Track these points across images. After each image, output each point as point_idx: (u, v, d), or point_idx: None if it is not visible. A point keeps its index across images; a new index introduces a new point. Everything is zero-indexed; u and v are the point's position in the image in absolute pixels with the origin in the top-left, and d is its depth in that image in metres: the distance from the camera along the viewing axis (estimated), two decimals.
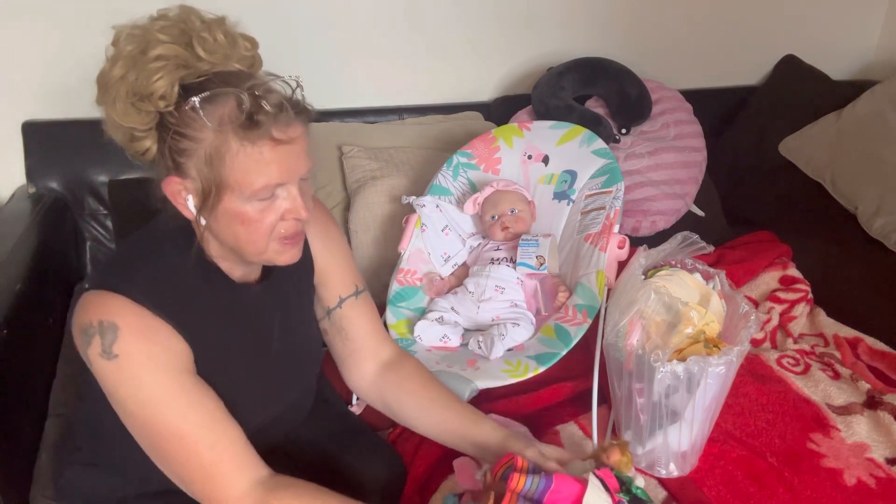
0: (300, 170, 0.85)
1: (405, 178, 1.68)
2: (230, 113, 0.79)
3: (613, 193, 1.43)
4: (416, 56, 1.90)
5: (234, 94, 0.80)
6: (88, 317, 0.83)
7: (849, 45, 2.33)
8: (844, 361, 1.48)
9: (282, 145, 0.81)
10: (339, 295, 1.09)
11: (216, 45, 0.83)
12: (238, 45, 0.86)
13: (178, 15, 0.84)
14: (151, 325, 0.84)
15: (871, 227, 1.76)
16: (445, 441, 1.05)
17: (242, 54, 0.86)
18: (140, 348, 0.83)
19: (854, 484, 1.17)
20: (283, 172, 0.82)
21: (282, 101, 0.81)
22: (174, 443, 0.84)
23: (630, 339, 1.11)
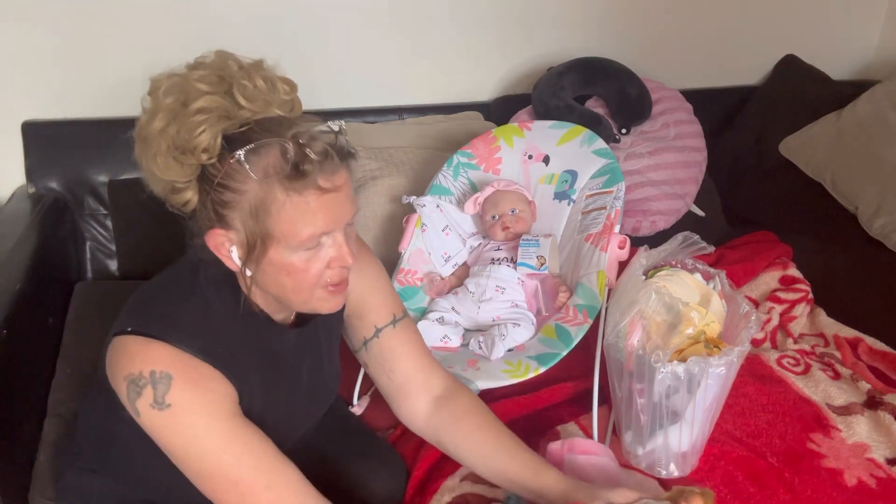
0: (346, 216, 0.83)
1: (405, 178, 1.68)
2: (275, 163, 0.77)
3: (614, 193, 1.43)
4: (417, 56, 1.90)
5: (277, 143, 0.78)
6: (137, 367, 0.81)
7: (849, 45, 2.33)
8: (845, 361, 1.48)
9: (328, 193, 0.79)
10: (375, 325, 1.03)
11: (256, 91, 0.80)
12: (278, 90, 0.83)
13: (216, 62, 0.82)
14: (203, 373, 0.83)
15: (871, 227, 1.76)
16: (505, 486, 1.01)
17: (282, 99, 0.84)
18: (194, 398, 0.82)
19: (854, 484, 1.17)
20: (330, 221, 0.81)
21: (326, 147, 0.78)
22: (231, 488, 0.83)
23: (630, 339, 1.11)
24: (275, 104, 0.82)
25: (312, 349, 1.00)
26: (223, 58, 0.83)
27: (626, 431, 1.18)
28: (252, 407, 0.89)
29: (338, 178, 0.80)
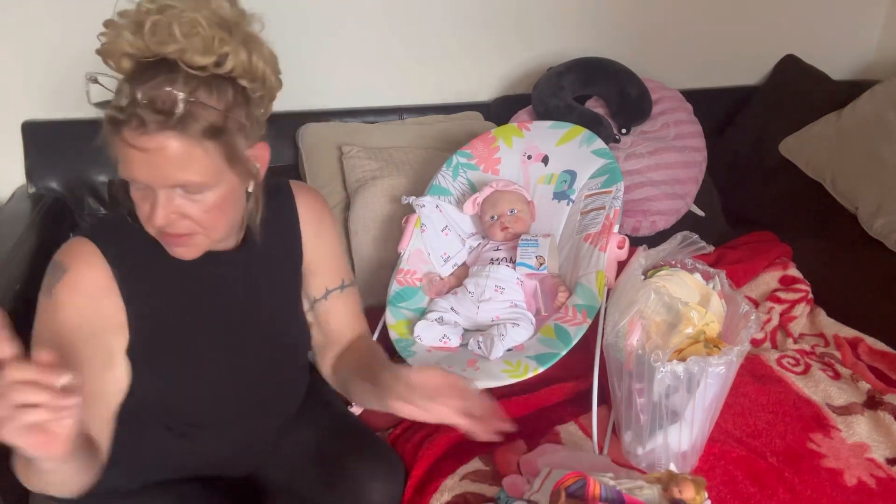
0: (163, 180, 0.81)
1: (405, 178, 1.68)
2: (114, 96, 0.80)
3: (613, 193, 1.43)
4: (417, 56, 1.90)
5: (119, 81, 0.80)
6: (58, 254, 0.90)
7: (849, 45, 2.33)
8: (845, 361, 1.48)
9: (136, 150, 0.79)
10: (327, 286, 1.10)
11: (155, 28, 0.79)
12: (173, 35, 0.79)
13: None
14: (96, 280, 0.89)
15: (871, 227, 1.76)
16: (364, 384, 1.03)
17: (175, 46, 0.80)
18: (72, 299, 0.88)
19: (854, 484, 1.17)
20: (140, 175, 0.81)
21: (141, 109, 0.77)
22: None
23: (630, 339, 1.11)
24: (163, 47, 0.79)
25: (251, 274, 1.00)
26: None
27: (626, 431, 1.18)
28: (163, 327, 0.94)
29: (150, 141, 0.78)
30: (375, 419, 1.32)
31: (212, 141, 0.81)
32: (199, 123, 0.79)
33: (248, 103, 0.86)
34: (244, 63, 0.83)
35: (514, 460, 1.21)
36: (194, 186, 0.83)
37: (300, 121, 1.79)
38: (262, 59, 0.86)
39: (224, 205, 0.87)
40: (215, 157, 0.82)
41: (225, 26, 0.82)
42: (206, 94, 0.80)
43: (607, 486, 0.92)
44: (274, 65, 0.90)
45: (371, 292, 1.61)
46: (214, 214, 0.86)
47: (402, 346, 1.33)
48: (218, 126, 0.81)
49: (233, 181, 0.86)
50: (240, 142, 0.85)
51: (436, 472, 1.17)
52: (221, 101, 0.82)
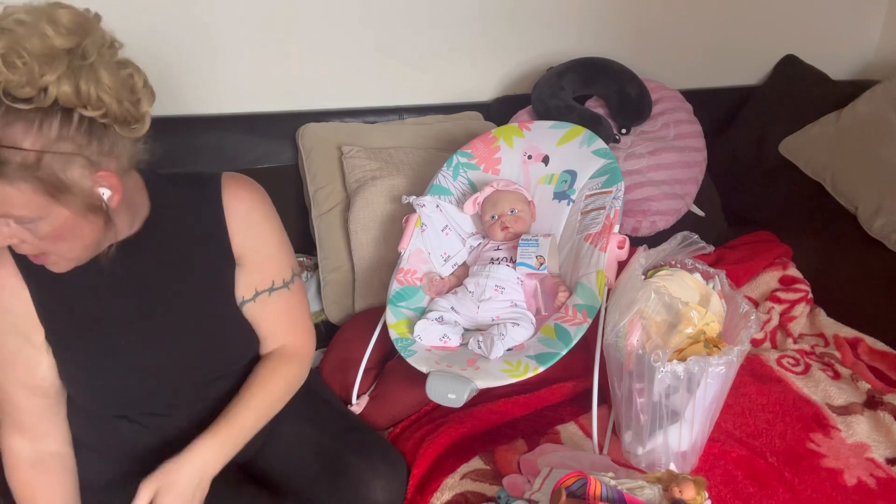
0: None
1: (405, 178, 1.68)
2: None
3: (613, 193, 1.43)
4: (416, 56, 1.90)
5: None
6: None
7: (849, 45, 2.33)
8: (844, 361, 1.48)
9: None
10: (256, 287, 1.07)
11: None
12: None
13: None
14: (4, 280, 0.93)
15: (871, 227, 1.76)
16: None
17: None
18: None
19: (854, 484, 1.17)
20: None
21: None
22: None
23: (630, 339, 1.11)
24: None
25: (155, 266, 1.00)
26: (33, 17, 0.78)
27: (626, 431, 1.18)
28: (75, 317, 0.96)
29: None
30: (375, 418, 1.32)
31: (24, 180, 0.78)
32: (6, 165, 0.77)
33: (92, 132, 0.82)
34: (69, 94, 0.78)
35: (514, 460, 1.21)
36: (18, 219, 0.82)
37: (300, 121, 1.79)
38: (95, 87, 0.80)
39: (60, 234, 0.85)
40: (32, 194, 0.80)
41: (50, 56, 0.77)
42: (24, 129, 0.77)
43: (608, 486, 0.92)
44: (119, 90, 0.83)
45: (371, 292, 1.62)
46: (51, 241, 0.85)
47: (402, 345, 1.33)
48: (29, 164, 0.78)
49: (63, 213, 0.83)
50: (71, 174, 0.81)
51: (436, 471, 1.17)
52: (41, 137, 0.78)
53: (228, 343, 1.07)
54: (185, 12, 1.64)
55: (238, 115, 1.77)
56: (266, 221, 1.07)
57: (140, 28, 1.62)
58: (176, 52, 1.66)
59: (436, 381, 1.21)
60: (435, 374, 1.22)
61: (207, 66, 1.71)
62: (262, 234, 1.06)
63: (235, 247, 1.04)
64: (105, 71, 0.81)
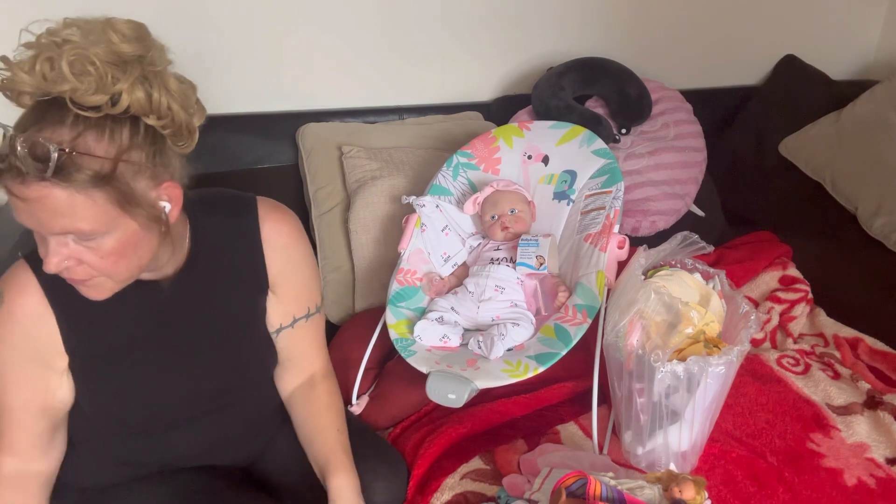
0: (48, 227, 0.78)
1: (405, 178, 1.68)
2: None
3: (613, 193, 1.43)
4: (416, 56, 1.90)
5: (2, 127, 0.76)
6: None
7: (849, 45, 2.33)
8: (844, 361, 1.48)
9: (18, 199, 0.77)
10: (294, 314, 1.08)
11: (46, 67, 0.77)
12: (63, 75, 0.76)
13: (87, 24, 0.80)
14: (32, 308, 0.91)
15: (871, 227, 1.76)
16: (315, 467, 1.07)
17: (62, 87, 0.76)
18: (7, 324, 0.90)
19: (854, 484, 1.17)
20: (29, 222, 0.79)
21: (15, 159, 0.74)
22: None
23: (630, 339, 1.11)
24: (56, 86, 0.76)
25: (204, 299, 1.00)
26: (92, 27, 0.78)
27: (626, 431, 1.18)
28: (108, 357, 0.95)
29: (28, 191, 0.75)
30: (375, 418, 1.32)
31: (98, 189, 0.77)
32: (81, 173, 0.75)
33: (155, 142, 0.82)
34: (141, 101, 0.79)
35: (514, 459, 1.21)
36: (84, 234, 0.80)
37: (300, 121, 1.79)
38: (166, 95, 0.81)
39: (124, 250, 0.83)
40: (104, 204, 0.78)
41: (121, 63, 0.78)
42: (96, 138, 0.76)
43: (608, 486, 0.92)
44: (184, 99, 0.84)
45: (371, 292, 1.62)
46: (113, 260, 0.83)
47: (402, 345, 1.33)
48: (104, 174, 0.77)
49: (131, 225, 0.82)
50: (139, 184, 0.81)
51: (437, 471, 1.17)
52: (113, 145, 0.78)
53: (251, 366, 1.07)
54: (185, 12, 1.64)
55: (238, 115, 1.77)
56: (302, 252, 1.07)
57: None
58: (176, 52, 1.66)
59: (436, 381, 1.21)
60: (435, 374, 1.22)
61: (207, 66, 1.71)
62: (298, 265, 1.06)
63: (271, 276, 1.04)
64: (173, 79, 0.83)
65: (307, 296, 1.09)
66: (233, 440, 1.09)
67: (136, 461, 1.04)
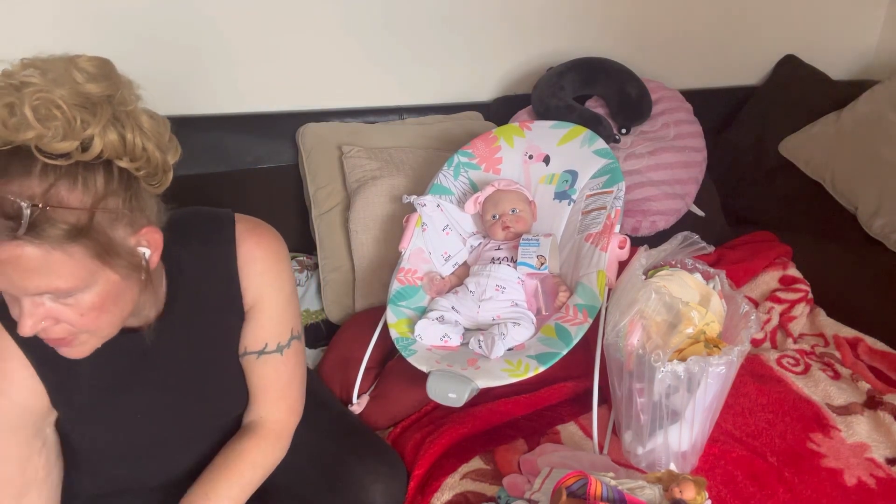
0: (24, 288, 0.72)
1: (405, 177, 1.68)
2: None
3: (614, 193, 1.43)
4: (417, 56, 1.90)
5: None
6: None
7: (849, 45, 2.33)
8: (844, 361, 1.48)
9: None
10: (267, 343, 1.01)
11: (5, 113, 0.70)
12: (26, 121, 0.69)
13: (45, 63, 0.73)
14: (11, 374, 0.86)
15: (871, 227, 1.76)
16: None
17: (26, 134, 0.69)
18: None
19: (854, 484, 1.17)
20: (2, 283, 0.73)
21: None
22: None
23: (630, 339, 1.11)
24: (19, 134, 0.69)
25: (186, 340, 0.96)
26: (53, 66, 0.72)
27: (626, 431, 1.18)
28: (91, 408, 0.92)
29: (0, 251, 0.70)
30: (376, 418, 1.33)
31: (75, 243, 0.72)
32: (56, 228, 0.70)
33: (130, 186, 0.77)
34: (115, 144, 0.73)
35: (514, 460, 1.21)
36: (62, 292, 0.74)
37: (300, 121, 1.79)
38: (140, 135, 0.76)
39: (105, 304, 0.78)
40: (82, 258, 0.73)
41: (89, 105, 0.72)
42: (69, 188, 0.71)
43: (608, 486, 0.92)
44: (158, 137, 0.79)
45: (371, 292, 1.62)
46: (94, 316, 0.78)
47: (402, 345, 1.33)
48: (81, 226, 0.72)
49: (111, 277, 0.77)
50: (117, 233, 0.76)
51: (437, 471, 1.17)
52: (88, 194, 0.72)
53: (235, 394, 1.04)
54: (184, 13, 1.64)
55: (238, 115, 1.77)
56: (280, 276, 1.01)
57: (140, 28, 1.63)
58: (176, 52, 1.66)
59: (436, 380, 1.21)
60: (435, 373, 1.22)
61: (207, 66, 1.71)
62: (272, 291, 1.00)
63: (247, 303, 0.99)
64: (145, 117, 0.77)
65: (284, 322, 1.02)
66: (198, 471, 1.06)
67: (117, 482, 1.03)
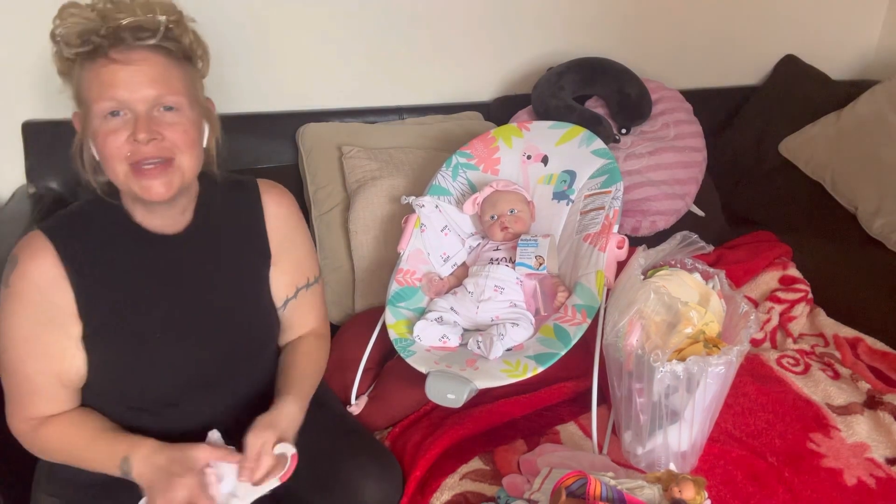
0: (143, 90, 0.90)
1: (405, 178, 1.68)
2: (77, 41, 0.90)
3: (612, 193, 1.43)
4: (417, 56, 1.90)
5: (83, 20, 0.89)
6: (13, 249, 0.98)
7: (849, 45, 2.33)
8: (844, 361, 1.48)
9: (116, 64, 0.89)
10: (297, 285, 1.14)
11: (119, 4, 0.91)
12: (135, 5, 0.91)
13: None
14: (45, 271, 0.94)
15: (871, 227, 1.76)
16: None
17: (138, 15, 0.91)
18: (23, 290, 0.94)
19: (854, 484, 1.17)
20: (123, 91, 0.90)
21: (119, 29, 0.89)
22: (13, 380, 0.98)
23: (630, 339, 1.11)
24: (126, 15, 0.90)
25: (211, 257, 1.05)
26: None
27: (626, 431, 1.18)
28: (116, 311, 0.98)
29: (137, 54, 0.90)
30: (374, 418, 1.32)
31: (185, 65, 0.95)
32: (178, 44, 0.93)
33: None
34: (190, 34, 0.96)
35: (513, 460, 1.21)
36: (172, 101, 0.92)
37: (300, 121, 1.79)
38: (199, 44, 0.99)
39: (194, 131, 0.96)
40: (187, 81, 0.95)
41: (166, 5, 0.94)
42: (182, 31, 0.94)
43: (608, 486, 0.92)
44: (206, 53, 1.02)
45: (371, 292, 1.62)
46: (190, 139, 0.94)
47: (401, 345, 1.33)
48: (189, 54, 0.96)
49: (197, 114, 0.97)
50: (199, 83, 0.99)
51: (436, 472, 1.17)
52: (191, 41, 0.96)
53: (254, 334, 1.11)
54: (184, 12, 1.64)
55: (238, 115, 1.77)
56: (299, 225, 1.17)
57: None
58: None
59: (435, 381, 1.21)
60: (434, 374, 1.22)
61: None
62: (297, 236, 1.15)
63: (273, 247, 1.11)
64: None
65: (307, 265, 1.16)
66: (234, 421, 1.09)
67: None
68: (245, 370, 1.10)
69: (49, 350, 0.96)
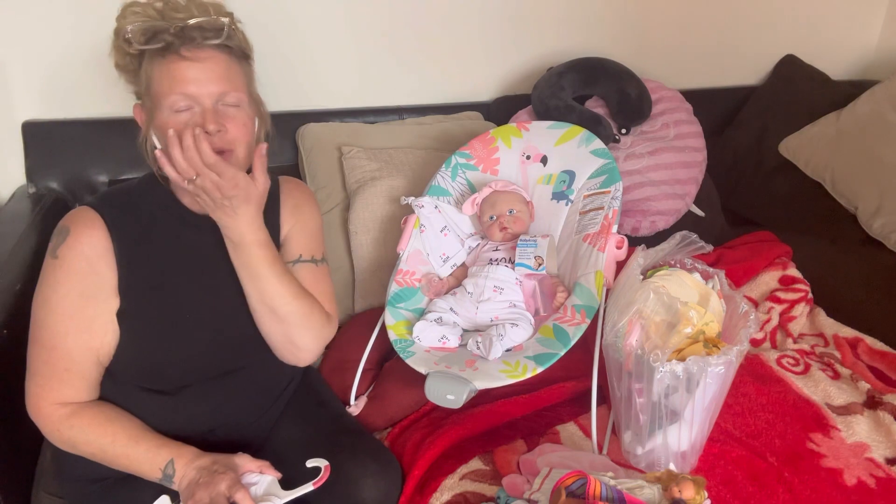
0: (211, 87, 0.98)
1: (405, 178, 1.68)
2: (149, 38, 0.97)
3: (612, 193, 1.43)
4: (417, 56, 1.90)
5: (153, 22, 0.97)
6: (63, 220, 1.03)
7: (849, 45, 2.33)
8: (844, 361, 1.48)
9: (186, 61, 0.97)
10: (300, 254, 1.18)
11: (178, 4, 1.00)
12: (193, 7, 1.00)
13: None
14: (95, 243, 0.99)
15: (871, 227, 1.76)
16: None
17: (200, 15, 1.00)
18: (73, 263, 0.98)
19: (854, 484, 1.17)
20: (191, 85, 0.97)
21: (187, 28, 0.96)
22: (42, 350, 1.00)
23: (629, 339, 1.11)
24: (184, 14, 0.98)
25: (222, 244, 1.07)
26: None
27: (626, 431, 1.18)
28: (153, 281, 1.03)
29: (205, 52, 0.98)
30: (374, 419, 1.32)
31: (244, 63, 1.05)
32: (238, 44, 1.02)
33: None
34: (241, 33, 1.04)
35: (513, 460, 1.21)
36: (234, 97, 1.00)
37: (300, 121, 1.79)
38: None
39: (251, 125, 1.04)
40: (246, 78, 1.04)
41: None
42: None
43: (607, 486, 0.92)
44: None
45: (370, 293, 1.62)
46: (247, 131, 1.02)
47: (400, 346, 1.33)
48: (246, 52, 1.05)
49: (253, 109, 1.05)
50: (253, 79, 1.07)
51: (436, 472, 1.17)
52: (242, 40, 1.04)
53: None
54: None
55: None
56: (312, 211, 1.23)
57: None
58: None
59: (434, 382, 1.21)
60: (434, 375, 1.22)
61: None
62: (307, 220, 1.21)
63: (283, 234, 1.18)
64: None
65: (313, 245, 1.20)
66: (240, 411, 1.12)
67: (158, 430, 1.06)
68: (258, 355, 1.12)
69: (92, 325, 0.99)
